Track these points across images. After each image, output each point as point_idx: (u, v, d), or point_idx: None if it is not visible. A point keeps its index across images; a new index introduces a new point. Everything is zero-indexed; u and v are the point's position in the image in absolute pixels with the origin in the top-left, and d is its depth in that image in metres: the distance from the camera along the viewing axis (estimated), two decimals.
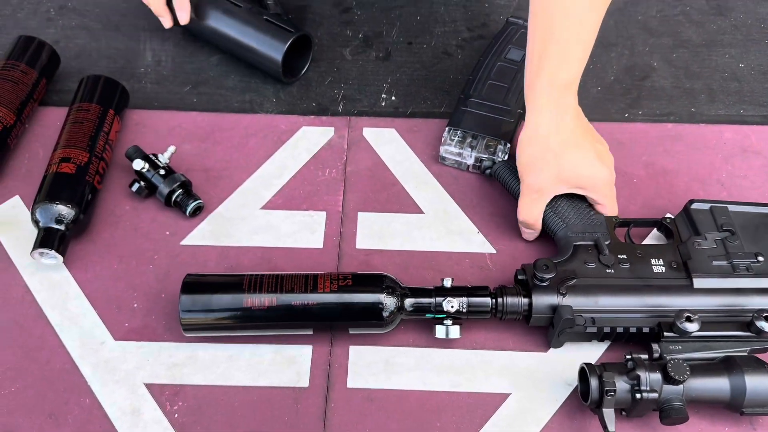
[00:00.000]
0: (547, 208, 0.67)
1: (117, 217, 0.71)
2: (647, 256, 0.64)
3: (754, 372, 0.56)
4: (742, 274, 0.62)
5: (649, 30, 0.89)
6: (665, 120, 0.80)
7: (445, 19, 0.90)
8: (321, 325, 0.61)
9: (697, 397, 0.56)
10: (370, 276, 0.61)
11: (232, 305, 0.59)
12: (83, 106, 0.72)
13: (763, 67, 0.86)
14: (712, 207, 0.66)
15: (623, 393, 0.55)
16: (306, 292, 0.60)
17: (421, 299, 0.61)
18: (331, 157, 0.77)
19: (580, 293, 0.61)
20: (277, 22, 0.80)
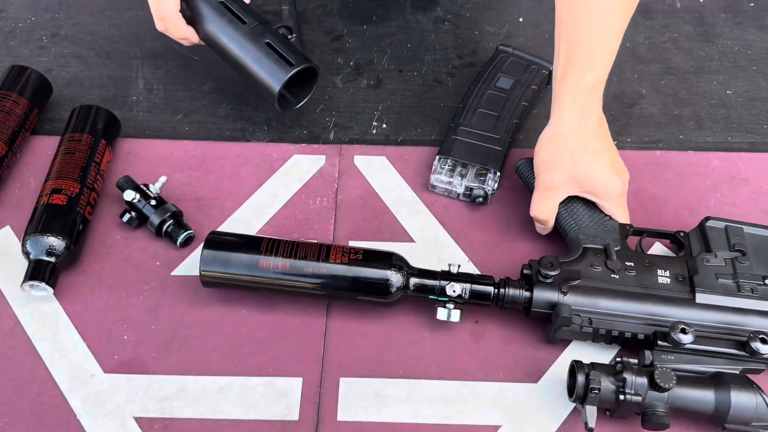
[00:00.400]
0: (562, 208, 0.68)
1: (108, 248, 0.71)
2: (654, 267, 0.65)
3: (740, 389, 0.57)
4: (746, 295, 0.63)
5: (638, 57, 0.90)
6: (653, 147, 0.81)
7: (436, 47, 0.91)
8: (328, 293, 0.64)
9: (681, 407, 0.57)
10: (380, 252, 0.65)
11: (249, 264, 0.63)
12: (75, 137, 0.73)
13: (750, 93, 0.87)
14: (727, 226, 0.67)
15: (608, 393, 0.57)
16: (318, 261, 0.63)
17: (426, 281, 0.64)
18: (323, 186, 0.77)
19: (581, 293, 0.63)
20: (280, 50, 0.74)
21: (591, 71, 0.65)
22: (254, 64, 0.74)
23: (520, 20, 0.94)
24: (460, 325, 0.66)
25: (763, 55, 0.91)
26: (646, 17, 0.96)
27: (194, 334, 0.65)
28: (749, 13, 0.96)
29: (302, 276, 0.62)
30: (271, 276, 0.63)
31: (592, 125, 0.66)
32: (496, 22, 0.94)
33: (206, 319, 0.66)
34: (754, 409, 0.57)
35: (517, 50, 0.84)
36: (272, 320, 0.66)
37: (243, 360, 0.64)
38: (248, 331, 0.65)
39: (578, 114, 0.65)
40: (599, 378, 0.57)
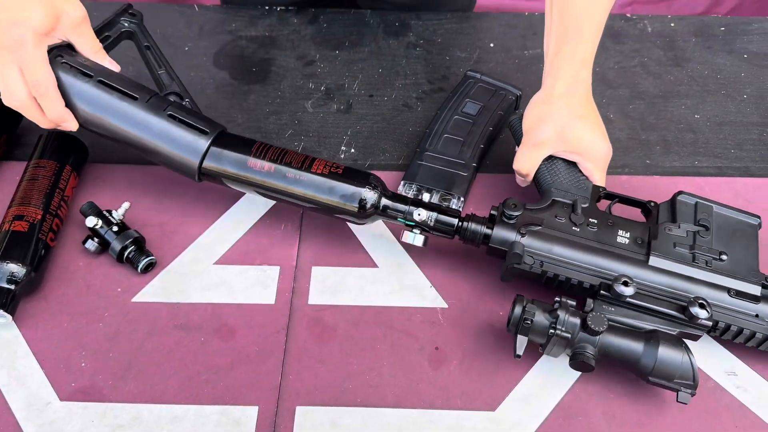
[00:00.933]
0: (543, 164, 0.71)
1: (70, 274, 0.71)
2: (616, 227, 0.67)
3: (669, 345, 0.59)
4: (700, 266, 0.64)
5: (607, 82, 0.91)
6: (620, 172, 0.81)
7: (407, 72, 0.92)
8: (305, 201, 0.68)
9: (609, 353, 0.60)
10: (359, 171, 0.68)
11: (238, 162, 0.67)
12: (40, 163, 0.73)
13: (719, 118, 0.87)
14: (698, 202, 0.69)
15: (541, 326, 0.60)
16: (301, 169, 0.67)
17: (397, 204, 0.67)
18: (288, 211, 0.77)
19: (538, 238, 0.65)
20: (187, 120, 0.68)
21: (582, 45, 0.71)
22: (163, 142, 0.67)
23: (491, 45, 0.95)
24: (419, 352, 0.66)
25: (732, 79, 0.92)
26: (616, 42, 0.96)
27: (152, 361, 0.65)
28: (720, 37, 0.97)
29: (283, 179, 0.67)
30: (256, 176, 0.67)
31: (582, 93, 0.71)
32: (468, 48, 0.95)
33: (164, 346, 0.66)
34: (678, 365, 0.58)
35: (485, 76, 0.84)
36: (230, 347, 0.66)
37: (199, 388, 0.63)
38: (206, 358, 0.65)
39: (570, 82, 0.70)
40: (534, 311, 0.60)
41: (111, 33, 0.76)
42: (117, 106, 0.67)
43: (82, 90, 0.67)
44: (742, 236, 0.67)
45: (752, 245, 0.66)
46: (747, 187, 0.80)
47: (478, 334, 0.67)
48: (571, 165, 0.71)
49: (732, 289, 0.64)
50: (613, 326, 0.61)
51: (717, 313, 0.63)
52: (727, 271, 0.64)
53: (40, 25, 0.65)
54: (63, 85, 0.67)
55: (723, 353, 0.67)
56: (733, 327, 0.63)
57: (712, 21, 0.99)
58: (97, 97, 0.67)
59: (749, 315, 0.63)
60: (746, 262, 0.65)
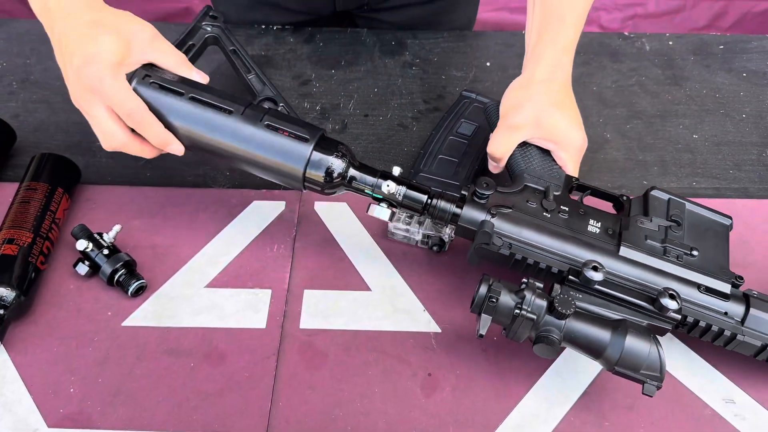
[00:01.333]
0: (517, 150, 0.70)
1: (61, 297, 0.71)
2: (587, 216, 0.67)
3: (637, 335, 0.58)
4: (670, 260, 0.64)
5: (604, 101, 0.90)
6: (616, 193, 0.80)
7: (402, 92, 0.91)
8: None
9: (575, 339, 0.59)
10: (330, 140, 0.66)
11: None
12: (31, 185, 0.73)
13: (717, 138, 0.86)
14: (671, 198, 0.68)
15: (506, 307, 0.59)
16: None
17: (366, 176, 0.66)
18: (281, 232, 0.77)
19: (508, 221, 0.65)
20: (286, 128, 0.64)
21: (564, 32, 0.71)
22: (264, 153, 0.64)
23: (487, 65, 0.95)
24: (411, 378, 0.65)
25: (731, 98, 0.91)
26: (614, 60, 0.96)
27: (141, 386, 0.64)
28: (718, 56, 0.96)
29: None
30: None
31: (562, 80, 0.70)
32: (464, 67, 0.94)
33: (154, 372, 0.65)
34: (645, 356, 0.57)
35: (480, 96, 0.84)
36: (220, 373, 0.65)
37: (188, 415, 0.63)
38: (196, 384, 0.65)
39: (551, 68, 0.70)
40: (500, 290, 0.59)
41: (194, 41, 0.74)
42: (213, 121, 0.64)
43: (177, 108, 0.64)
44: (713, 235, 0.67)
45: (723, 244, 0.66)
46: (745, 208, 0.79)
47: (471, 359, 0.66)
48: (545, 153, 0.71)
49: (702, 285, 0.63)
50: (579, 313, 0.59)
51: (686, 308, 0.62)
52: (698, 267, 0.64)
53: (112, 56, 0.62)
54: (157, 106, 0.64)
55: (721, 380, 0.66)
56: (701, 323, 0.62)
57: (710, 39, 0.99)
58: (193, 114, 0.64)
59: (718, 312, 0.63)
60: (717, 261, 0.65)
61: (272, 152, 0.64)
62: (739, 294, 0.64)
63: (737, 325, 0.62)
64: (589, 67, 0.95)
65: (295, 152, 0.64)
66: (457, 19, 1.05)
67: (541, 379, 0.65)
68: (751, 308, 0.63)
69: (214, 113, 0.64)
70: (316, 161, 0.64)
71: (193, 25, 0.75)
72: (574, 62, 0.95)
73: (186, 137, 0.65)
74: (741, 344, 0.62)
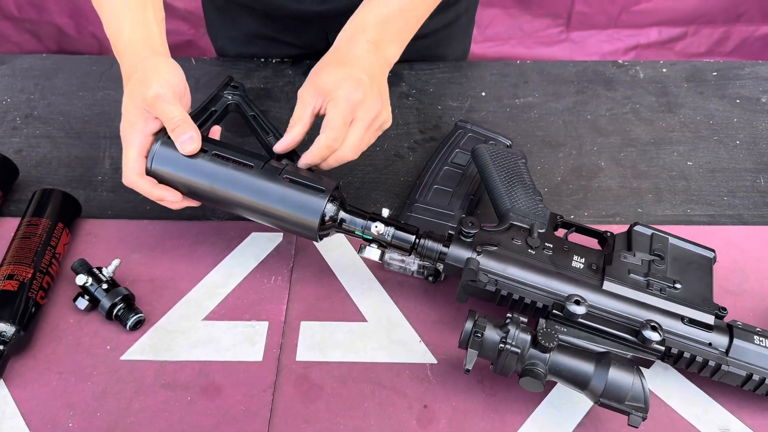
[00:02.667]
0: (501, 186, 0.72)
1: (61, 331, 0.71)
2: (571, 252, 0.68)
3: (620, 367, 0.59)
4: (654, 293, 0.65)
5: (598, 129, 0.91)
6: (611, 221, 0.81)
7: (399, 122, 0.93)
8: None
9: (560, 372, 0.60)
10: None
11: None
12: (32, 221, 0.74)
13: (711, 164, 0.87)
14: (654, 234, 0.69)
15: (491, 342, 0.60)
16: None
17: (356, 218, 0.68)
18: (278, 264, 0.77)
19: (494, 258, 0.66)
20: (303, 181, 0.67)
21: (373, 8, 0.73)
22: (284, 207, 0.67)
23: (482, 94, 0.96)
24: (407, 411, 0.65)
25: (724, 124, 0.92)
26: (608, 89, 0.97)
27: (139, 421, 0.65)
28: (712, 82, 0.97)
29: None
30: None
31: (353, 50, 0.71)
32: (459, 97, 0.95)
33: (151, 406, 0.66)
34: (629, 387, 0.58)
35: (475, 126, 0.85)
36: (217, 407, 0.66)
37: None
38: (192, 418, 0.65)
39: (344, 41, 0.72)
40: (485, 325, 0.60)
41: (216, 107, 0.78)
42: (236, 177, 0.67)
43: (200, 166, 0.68)
44: (696, 268, 0.67)
45: (706, 277, 0.67)
46: (740, 235, 0.79)
47: (467, 391, 0.67)
48: (529, 190, 0.72)
49: (685, 317, 0.64)
50: (564, 346, 0.60)
51: (670, 340, 0.63)
52: (681, 299, 0.64)
53: (132, 119, 0.68)
54: (179, 162, 0.68)
55: (716, 409, 0.66)
56: (686, 354, 0.62)
57: (703, 66, 1.00)
58: (216, 172, 0.68)
59: (702, 343, 0.63)
60: (700, 293, 0.65)
61: (291, 206, 0.67)
62: (722, 325, 0.64)
63: (721, 356, 0.63)
64: (584, 95, 0.96)
65: (312, 204, 0.66)
66: (452, 53, 1.07)
67: (536, 411, 0.66)
68: (734, 339, 0.63)
69: (236, 168, 0.68)
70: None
71: (215, 93, 0.79)
72: (568, 90, 0.96)
73: (206, 193, 0.69)
74: (726, 374, 0.63)
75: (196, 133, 0.67)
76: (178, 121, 0.67)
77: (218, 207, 0.71)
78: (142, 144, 0.68)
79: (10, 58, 1.03)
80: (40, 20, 1.80)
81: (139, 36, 0.71)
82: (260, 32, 1.02)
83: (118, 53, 0.72)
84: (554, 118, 0.93)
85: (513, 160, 0.74)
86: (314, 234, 0.68)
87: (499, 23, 1.77)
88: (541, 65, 1.01)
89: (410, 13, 0.75)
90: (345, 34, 0.73)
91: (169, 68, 0.70)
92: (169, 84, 0.68)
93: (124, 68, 0.71)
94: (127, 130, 0.69)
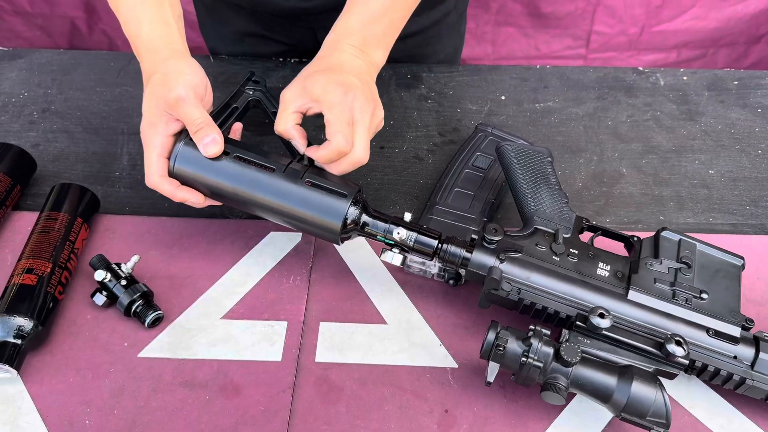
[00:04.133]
0: (527, 187, 0.71)
1: (78, 327, 0.71)
2: (597, 259, 0.67)
3: (643, 382, 0.58)
4: (680, 303, 0.64)
5: (619, 136, 0.91)
6: (633, 228, 0.80)
7: (418, 124, 0.92)
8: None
9: (582, 386, 0.59)
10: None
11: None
12: (51, 215, 0.73)
13: (733, 173, 0.86)
14: (682, 240, 0.68)
15: (513, 354, 0.59)
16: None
17: (378, 222, 0.67)
18: (297, 264, 0.77)
19: (517, 265, 0.65)
20: (325, 185, 0.67)
21: (347, 16, 0.73)
22: (306, 210, 0.67)
23: (502, 98, 0.95)
24: (428, 415, 0.65)
25: (746, 133, 0.91)
26: (629, 95, 0.96)
27: (156, 420, 0.64)
28: (733, 91, 0.97)
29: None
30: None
31: (338, 56, 0.70)
32: (479, 100, 0.95)
33: (169, 404, 0.65)
34: (651, 402, 0.57)
35: (496, 129, 0.84)
36: (235, 406, 0.65)
37: None
38: (210, 417, 0.64)
39: (327, 50, 0.71)
40: (507, 337, 0.59)
41: (238, 104, 0.77)
42: (258, 180, 0.67)
43: (222, 168, 0.67)
44: (724, 276, 0.67)
45: (734, 286, 0.66)
46: (762, 245, 0.78)
47: (488, 396, 0.66)
48: (555, 193, 0.71)
49: (711, 329, 0.63)
50: (586, 358, 0.60)
51: (694, 353, 0.62)
52: (707, 311, 0.64)
53: (152, 120, 0.68)
54: (201, 163, 0.67)
55: (742, 419, 0.65)
56: (710, 367, 0.62)
57: (724, 75, 0.99)
58: (238, 174, 0.67)
59: (727, 356, 0.62)
60: (727, 303, 0.64)
61: (312, 208, 0.67)
62: (749, 337, 0.64)
63: (747, 369, 0.62)
64: (604, 101, 0.95)
65: (335, 208, 0.66)
66: (442, 50, 1.06)
67: (558, 418, 0.65)
68: (761, 352, 0.62)
69: (258, 171, 0.67)
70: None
71: (237, 89, 0.79)
72: (588, 96, 0.96)
73: (230, 194, 0.68)
74: (751, 388, 0.62)
75: (218, 135, 0.67)
76: (200, 124, 0.67)
77: (240, 208, 0.71)
78: (163, 145, 0.68)
79: (27, 52, 1.02)
80: (52, 14, 1.79)
81: (157, 34, 0.70)
82: (249, 30, 1.02)
83: (138, 52, 0.71)
84: (575, 124, 0.92)
85: (539, 159, 0.73)
86: (336, 237, 0.67)
87: (514, 42, 1.75)
88: (561, 70, 1.00)
89: (393, 13, 0.74)
90: (330, 41, 0.72)
91: (190, 69, 0.69)
92: (190, 85, 0.67)
93: (144, 68, 0.71)
94: (147, 132, 0.68)
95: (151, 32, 0.70)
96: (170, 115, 0.67)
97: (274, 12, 0.97)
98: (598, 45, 1.76)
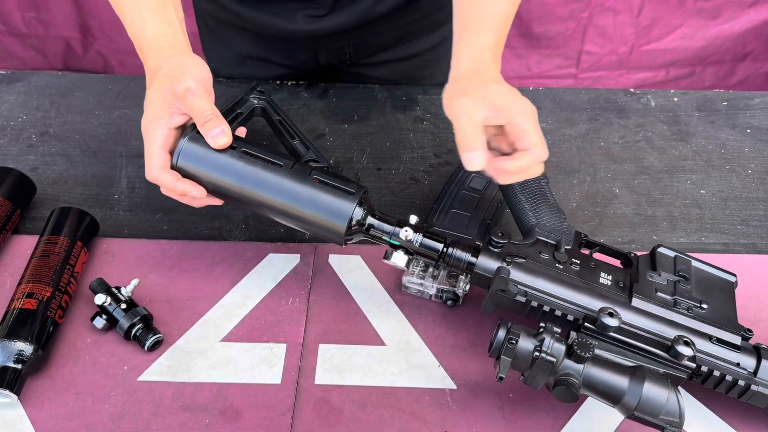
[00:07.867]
0: (526, 203, 0.72)
1: (78, 351, 0.71)
2: (598, 269, 0.68)
3: (655, 381, 0.58)
4: (682, 312, 0.65)
5: (612, 156, 0.92)
6: (627, 248, 0.81)
7: (414, 146, 0.93)
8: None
9: (594, 384, 0.59)
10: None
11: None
12: (51, 239, 0.74)
13: (724, 193, 0.88)
14: (677, 256, 0.70)
15: (525, 350, 0.59)
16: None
17: (383, 224, 0.68)
18: (296, 285, 0.77)
19: (523, 270, 0.66)
20: (333, 182, 0.67)
21: (483, 34, 0.71)
22: (311, 208, 0.66)
23: None
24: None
25: (736, 154, 0.93)
26: (620, 116, 0.98)
27: None
28: (722, 112, 0.99)
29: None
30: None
31: (488, 70, 0.69)
32: None
33: (169, 428, 0.65)
34: (664, 401, 0.57)
35: None
36: (235, 429, 0.65)
37: None
38: None
39: (473, 61, 0.70)
40: (519, 332, 0.60)
41: (242, 110, 0.79)
42: (265, 176, 0.66)
43: (228, 164, 0.66)
44: (720, 291, 0.68)
45: (730, 300, 0.68)
46: (755, 264, 0.80)
47: (487, 417, 0.66)
48: (553, 207, 0.72)
49: (714, 336, 0.64)
50: (597, 358, 0.60)
51: (700, 359, 0.63)
52: (708, 319, 0.65)
53: (156, 114, 0.67)
54: (206, 158, 0.66)
55: None
56: (715, 373, 0.63)
57: (714, 96, 1.01)
58: (244, 170, 0.66)
59: (731, 363, 0.63)
60: (725, 314, 0.66)
61: (318, 207, 0.66)
62: (749, 346, 0.65)
63: (750, 376, 0.63)
64: (596, 122, 0.97)
65: (342, 207, 0.66)
66: (440, 73, 1.07)
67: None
68: (762, 360, 0.64)
69: (265, 167, 0.66)
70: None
71: (241, 98, 0.80)
72: (581, 117, 0.98)
73: (232, 191, 0.67)
74: (755, 395, 0.63)
75: (227, 127, 0.66)
76: (209, 115, 0.66)
77: (243, 206, 0.69)
78: (165, 137, 0.67)
79: (26, 75, 1.03)
80: (47, 35, 1.80)
81: (162, 33, 0.70)
82: (251, 53, 1.03)
83: (142, 52, 0.71)
84: (568, 145, 0.94)
85: (535, 180, 0.74)
86: (341, 237, 0.67)
87: (506, 62, 1.78)
88: (553, 92, 1.02)
89: (508, 23, 0.74)
90: (473, 58, 0.70)
91: (197, 63, 0.69)
92: (200, 78, 0.67)
93: (148, 66, 0.70)
94: (150, 125, 0.67)
95: (155, 31, 0.70)
96: (175, 108, 0.66)
97: (278, 34, 0.98)
98: (589, 64, 1.78)
